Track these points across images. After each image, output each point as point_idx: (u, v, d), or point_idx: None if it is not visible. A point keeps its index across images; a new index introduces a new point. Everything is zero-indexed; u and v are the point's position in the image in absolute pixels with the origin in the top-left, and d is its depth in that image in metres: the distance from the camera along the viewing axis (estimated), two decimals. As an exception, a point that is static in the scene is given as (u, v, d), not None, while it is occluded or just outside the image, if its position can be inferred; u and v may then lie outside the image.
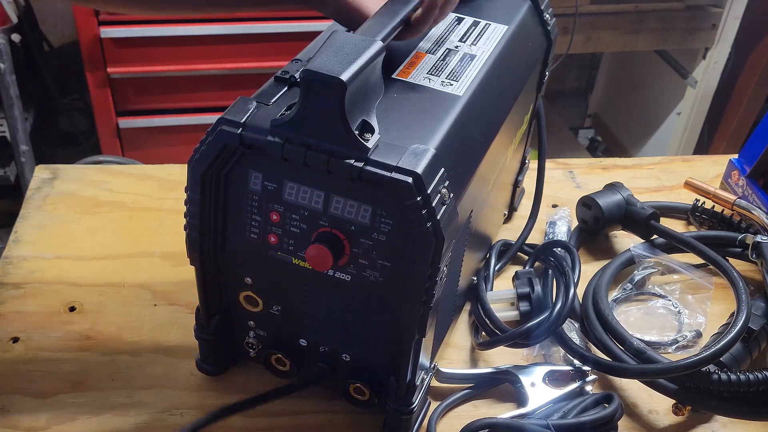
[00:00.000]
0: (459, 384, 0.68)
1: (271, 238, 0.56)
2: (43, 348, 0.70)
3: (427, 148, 0.50)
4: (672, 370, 0.64)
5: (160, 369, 0.69)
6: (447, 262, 0.53)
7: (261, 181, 0.54)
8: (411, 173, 0.48)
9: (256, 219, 0.56)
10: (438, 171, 0.50)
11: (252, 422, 0.65)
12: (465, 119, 0.57)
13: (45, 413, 0.64)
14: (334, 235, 0.53)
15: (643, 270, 0.80)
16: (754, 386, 0.64)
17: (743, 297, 0.69)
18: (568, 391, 0.66)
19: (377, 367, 0.61)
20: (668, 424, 0.67)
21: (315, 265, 0.53)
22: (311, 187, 0.52)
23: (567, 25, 1.83)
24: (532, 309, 0.74)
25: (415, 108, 0.57)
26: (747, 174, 0.90)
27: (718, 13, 1.92)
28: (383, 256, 0.53)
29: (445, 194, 0.51)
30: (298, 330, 0.62)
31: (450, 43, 0.66)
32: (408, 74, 0.61)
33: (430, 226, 0.49)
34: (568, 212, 0.87)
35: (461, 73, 0.62)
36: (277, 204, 0.54)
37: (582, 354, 0.68)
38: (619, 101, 2.52)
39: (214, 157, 0.52)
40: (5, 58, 1.70)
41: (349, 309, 0.58)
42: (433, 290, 0.52)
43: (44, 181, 0.89)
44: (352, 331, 0.60)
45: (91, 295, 0.76)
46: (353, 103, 0.48)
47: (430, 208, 0.49)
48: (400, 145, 0.50)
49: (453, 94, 0.59)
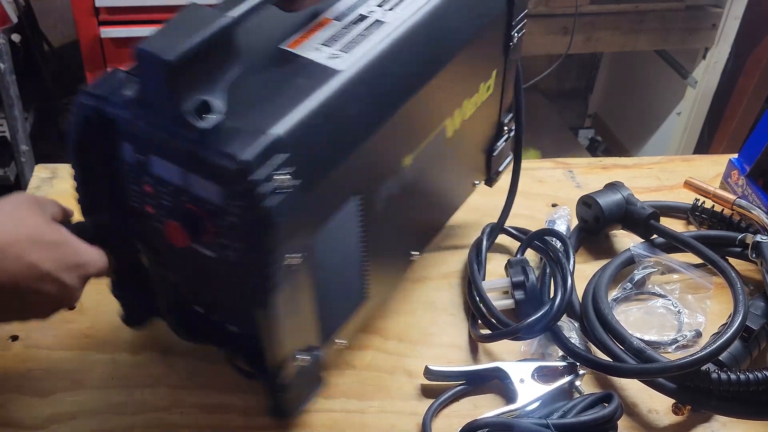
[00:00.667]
0: (449, 381, 0.69)
1: (149, 209, 0.56)
2: (42, 346, 0.70)
3: (267, 132, 0.49)
4: (669, 370, 0.64)
5: (159, 368, 0.69)
6: (301, 250, 0.52)
7: (132, 153, 0.54)
8: (235, 160, 0.47)
9: (134, 189, 0.56)
10: (276, 156, 0.49)
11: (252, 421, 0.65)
12: (341, 96, 0.54)
13: (44, 412, 0.64)
14: (193, 213, 0.52)
15: (643, 269, 0.80)
16: (753, 386, 0.64)
17: (740, 297, 0.69)
18: (557, 387, 0.67)
19: (255, 341, 0.59)
20: (668, 423, 0.67)
21: (173, 239, 0.53)
22: (172, 163, 0.52)
23: (567, 25, 1.83)
24: (526, 297, 0.74)
25: (283, 84, 0.54)
26: (747, 173, 0.90)
27: (718, 13, 1.92)
28: (237, 237, 0.52)
29: (284, 181, 0.49)
30: (194, 297, 0.62)
31: (366, 7, 0.62)
32: (298, 44, 0.57)
33: (257, 213, 0.48)
34: (568, 211, 0.87)
35: (358, 44, 0.58)
36: (147, 176, 0.54)
37: (575, 351, 0.68)
38: (619, 101, 2.52)
39: (79, 130, 0.53)
40: (5, 58, 1.70)
41: (221, 283, 0.58)
42: (274, 277, 0.51)
43: (44, 180, 0.89)
44: (229, 305, 0.60)
45: (90, 294, 0.75)
46: (189, 81, 0.47)
47: (257, 195, 0.48)
48: (243, 128, 0.49)
49: (333, 69, 0.55)
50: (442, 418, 0.67)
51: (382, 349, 0.72)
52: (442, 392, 0.67)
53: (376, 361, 0.71)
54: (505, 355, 0.72)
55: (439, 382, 0.69)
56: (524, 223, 0.86)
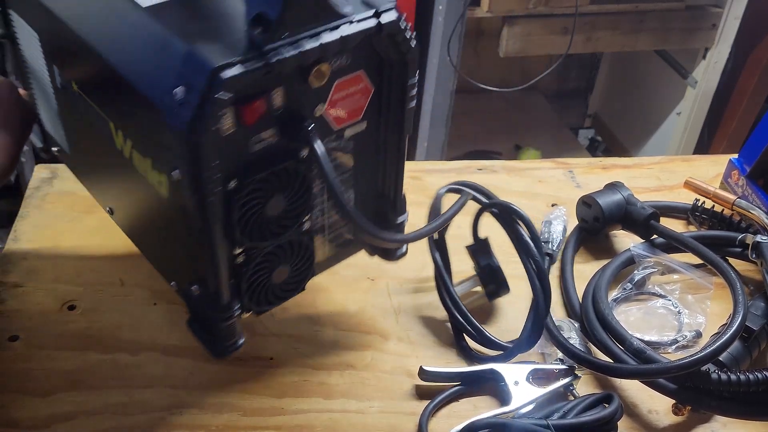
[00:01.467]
0: (444, 382, 0.69)
1: None
2: (42, 346, 0.70)
3: None
4: (669, 370, 0.64)
5: (159, 368, 0.69)
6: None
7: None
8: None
9: None
10: None
11: (251, 421, 0.65)
12: None
13: (44, 412, 0.64)
14: None
15: (643, 270, 0.80)
16: (753, 386, 0.64)
17: (740, 297, 0.69)
18: (552, 389, 0.66)
19: None
20: (668, 424, 0.67)
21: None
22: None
23: (567, 25, 1.83)
24: (498, 286, 0.74)
25: None
26: (747, 174, 0.90)
27: (718, 13, 1.92)
28: None
29: None
30: None
31: None
32: None
33: None
34: (564, 211, 0.87)
35: None
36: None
37: (574, 352, 0.68)
38: (619, 101, 2.53)
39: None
40: (5, 58, 1.70)
41: None
42: None
43: (44, 180, 0.89)
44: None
45: (90, 294, 0.75)
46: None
47: None
48: None
49: None
50: (442, 418, 0.67)
51: (382, 350, 0.72)
52: (438, 393, 0.68)
53: (375, 361, 0.71)
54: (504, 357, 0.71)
55: (434, 382, 0.69)
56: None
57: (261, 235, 0.56)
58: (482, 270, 0.75)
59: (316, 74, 0.51)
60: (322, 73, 0.51)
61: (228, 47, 0.47)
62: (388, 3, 0.52)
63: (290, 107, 0.52)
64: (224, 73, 0.45)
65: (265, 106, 0.50)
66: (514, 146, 2.33)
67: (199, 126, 0.46)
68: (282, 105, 0.52)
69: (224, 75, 0.45)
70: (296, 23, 0.48)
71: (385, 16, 0.52)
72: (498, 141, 2.34)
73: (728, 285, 0.71)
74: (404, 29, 0.53)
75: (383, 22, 0.52)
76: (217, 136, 0.48)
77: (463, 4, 1.70)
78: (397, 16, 0.53)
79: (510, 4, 1.81)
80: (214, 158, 0.49)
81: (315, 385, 0.68)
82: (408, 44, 0.55)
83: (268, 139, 0.52)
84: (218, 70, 0.45)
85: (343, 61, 0.53)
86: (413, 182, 0.93)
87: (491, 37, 2.10)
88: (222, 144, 0.49)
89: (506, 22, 1.84)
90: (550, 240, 0.83)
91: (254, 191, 0.53)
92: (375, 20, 0.52)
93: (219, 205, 0.51)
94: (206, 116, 0.46)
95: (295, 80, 0.51)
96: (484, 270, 0.75)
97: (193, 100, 0.45)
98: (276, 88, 0.50)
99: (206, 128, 0.46)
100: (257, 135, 0.52)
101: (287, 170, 0.54)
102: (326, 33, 0.49)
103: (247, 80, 0.47)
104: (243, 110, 0.49)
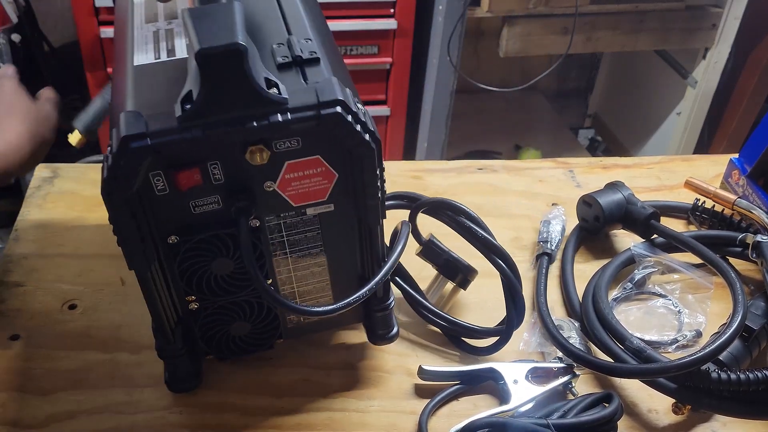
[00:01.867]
0: (443, 381, 0.69)
1: None
2: (42, 346, 0.70)
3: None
4: (669, 370, 0.64)
5: (159, 367, 0.68)
6: None
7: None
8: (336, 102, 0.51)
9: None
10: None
11: (251, 420, 0.65)
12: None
13: (44, 411, 0.64)
14: None
15: (644, 269, 0.80)
16: (753, 385, 0.64)
17: (740, 297, 0.69)
18: (551, 388, 0.67)
19: None
20: (668, 423, 0.67)
21: None
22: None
23: (567, 25, 1.83)
24: (465, 274, 0.73)
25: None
26: (747, 174, 0.90)
27: (718, 13, 1.92)
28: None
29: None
30: None
31: None
32: None
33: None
34: (563, 211, 0.87)
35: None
36: None
37: (573, 352, 0.68)
38: (619, 101, 2.52)
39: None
40: (5, 58, 1.70)
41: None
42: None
43: (44, 179, 0.89)
44: None
45: (90, 293, 0.76)
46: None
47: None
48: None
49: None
50: (441, 417, 0.67)
51: (382, 349, 0.72)
52: (437, 392, 0.68)
53: (375, 360, 0.71)
54: (503, 355, 0.71)
55: (433, 381, 0.69)
56: (524, 224, 0.86)
57: (210, 289, 0.60)
58: (442, 267, 0.74)
59: (250, 154, 0.52)
60: (256, 153, 0.52)
61: (162, 118, 0.50)
62: (337, 95, 0.51)
63: (236, 179, 0.54)
64: (134, 143, 0.49)
65: (199, 175, 0.53)
66: (514, 146, 2.33)
67: (112, 184, 0.50)
68: (223, 177, 0.53)
69: (133, 144, 0.49)
70: (225, 107, 0.49)
71: (327, 110, 0.51)
72: (498, 141, 2.33)
73: (728, 285, 0.71)
74: (348, 124, 0.51)
75: (323, 113, 0.51)
76: (152, 194, 0.52)
77: (463, 4, 1.70)
78: (337, 111, 0.51)
79: (510, 4, 1.80)
80: (141, 212, 0.53)
81: (315, 385, 0.68)
82: (356, 138, 0.52)
83: (212, 205, 0.55)
84: (128, 139, 0.49)
85: (292, 143, 0.53)
86: (414, 182, 0.93)
87: (491, 37, 2.10)
88: (158, 202, 0.53)
89: (506, 22, 1.84)
90: (548, 239, 0.83)
91: (193, 249, 0.56)
92: (313, 112, 0.51)
93: (151, 252, 0.55)
94: (119, 177, 0.50)
95: (237, 156, 0.53)
96: (444, 266, 0.74)
97: (109, 161, 0.50)
98: (213, 161, 0.52)
99: (120, 187, 0.51)
100: (200, 199, 0.54)
101: (232, 236, 0.56)
102: (250, 119, 0.50)
103: (166, 149, 0.50)
104: (176, 176, 0.52)
